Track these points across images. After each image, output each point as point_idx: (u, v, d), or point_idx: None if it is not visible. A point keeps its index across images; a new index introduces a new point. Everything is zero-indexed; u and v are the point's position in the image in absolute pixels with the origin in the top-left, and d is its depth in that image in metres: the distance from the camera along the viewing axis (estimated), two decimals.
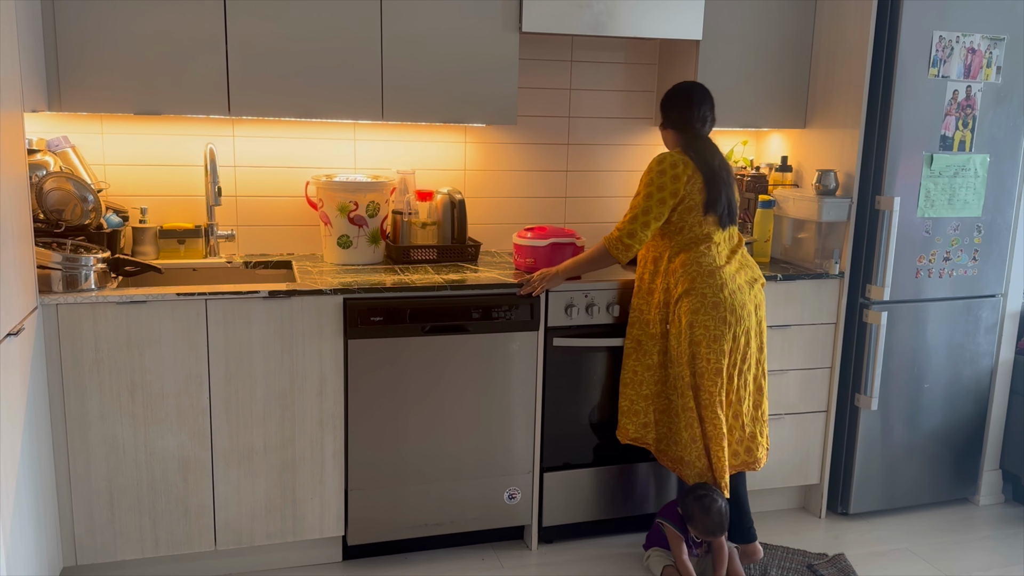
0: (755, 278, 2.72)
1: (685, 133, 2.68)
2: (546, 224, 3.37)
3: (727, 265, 2.64)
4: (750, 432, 2.72)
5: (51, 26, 2.49)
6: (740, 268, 2.69)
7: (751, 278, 2.70)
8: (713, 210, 2.61)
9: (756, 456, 2.73)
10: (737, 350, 2.63)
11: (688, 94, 2.70)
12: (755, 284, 2.71)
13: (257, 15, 2.65)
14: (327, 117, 2.80)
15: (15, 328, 2.09)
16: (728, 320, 2.59)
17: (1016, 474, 3.40)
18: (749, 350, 2.67)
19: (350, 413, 2.66)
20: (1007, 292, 3.30)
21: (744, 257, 2.74)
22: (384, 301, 2.63)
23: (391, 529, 2.79)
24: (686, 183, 2.57)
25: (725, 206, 2.63)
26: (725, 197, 2.63)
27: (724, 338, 2.59)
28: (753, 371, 2.70)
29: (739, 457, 2.72)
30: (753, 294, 2.68)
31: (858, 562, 2.94)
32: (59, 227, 2.57)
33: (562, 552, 2.95)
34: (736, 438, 2.70)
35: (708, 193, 2.59)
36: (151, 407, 2.49)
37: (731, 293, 2.60)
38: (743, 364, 2.66)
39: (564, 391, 2.86)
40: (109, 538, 2.53)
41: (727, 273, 2.62)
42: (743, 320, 2.62)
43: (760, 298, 2.71)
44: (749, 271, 2.72)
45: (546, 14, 2.87)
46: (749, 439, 2.72)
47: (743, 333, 2.63)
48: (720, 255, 2.64)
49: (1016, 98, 3.11)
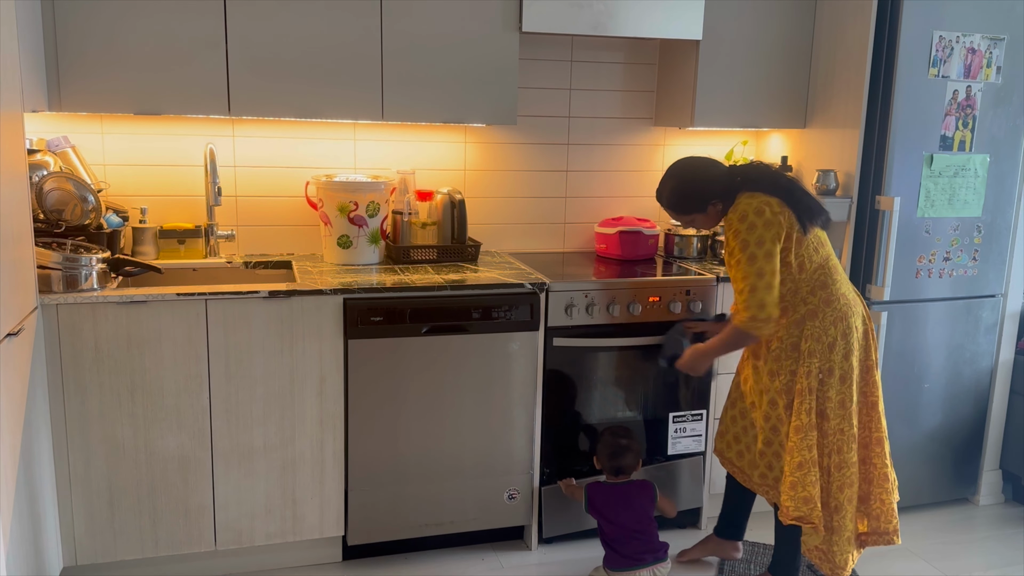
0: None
1: (726, 193, 2.40)
2: (626, 216, 3.48)
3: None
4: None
5: (51, 26, 2.49)
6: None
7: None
8: (810, 220, 2.34)
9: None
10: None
11: (695, 169, 2.45)
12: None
13: (257, 15, 2.65)
14: (327, 117, 2.80)
15: (15, 328, 2.09)
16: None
17: (1016, 474, 3.40)
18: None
19: (350, 413, 2.66)
20: (1007, 292, 3.30)
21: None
22: (384, 301, 2.63)
23: (391, 529, 2.79)
24: (779, 219, 2.30)
25: (817, 205, 2.38)
26: (807, 196, 2.38)
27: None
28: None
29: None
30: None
31: (858, 562, 2.94)
32: (59, 227, 2.57)
33: (562, 552, 2.95)
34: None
35: (794, 207, 2.32)
36: (151, 407, 2.49)
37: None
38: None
39: (564, 391, 2.86)
40: (109, 538, 2.53)
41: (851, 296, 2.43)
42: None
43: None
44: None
45: (546, 14, 2.87)
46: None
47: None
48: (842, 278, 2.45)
49: (1016, 98, 3.11)
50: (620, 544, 2.64)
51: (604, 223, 3.35)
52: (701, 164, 2.46)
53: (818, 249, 2.38)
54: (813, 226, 2.35)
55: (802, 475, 2.38)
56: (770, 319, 2.28)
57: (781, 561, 2.59)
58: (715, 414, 3.05)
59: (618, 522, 2.64)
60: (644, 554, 2.62)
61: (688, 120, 3.18)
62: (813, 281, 2.38)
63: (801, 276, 2.37)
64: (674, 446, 3.01)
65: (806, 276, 2.38)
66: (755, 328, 2.30)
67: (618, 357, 2.89)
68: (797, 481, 2.38)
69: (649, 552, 2.63)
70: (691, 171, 2.45)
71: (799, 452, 2.38)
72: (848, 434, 2.40)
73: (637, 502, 2.67)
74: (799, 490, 2.38)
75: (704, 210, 2.43)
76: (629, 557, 2.62)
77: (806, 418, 2.38)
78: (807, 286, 2.38)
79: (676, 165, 2.49)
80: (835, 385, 2.38)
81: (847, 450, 2.41)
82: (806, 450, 2.38)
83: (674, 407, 2.99)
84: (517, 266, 3.04)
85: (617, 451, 2.71)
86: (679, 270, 3.10)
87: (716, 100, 3.16)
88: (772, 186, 2.35)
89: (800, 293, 2.39)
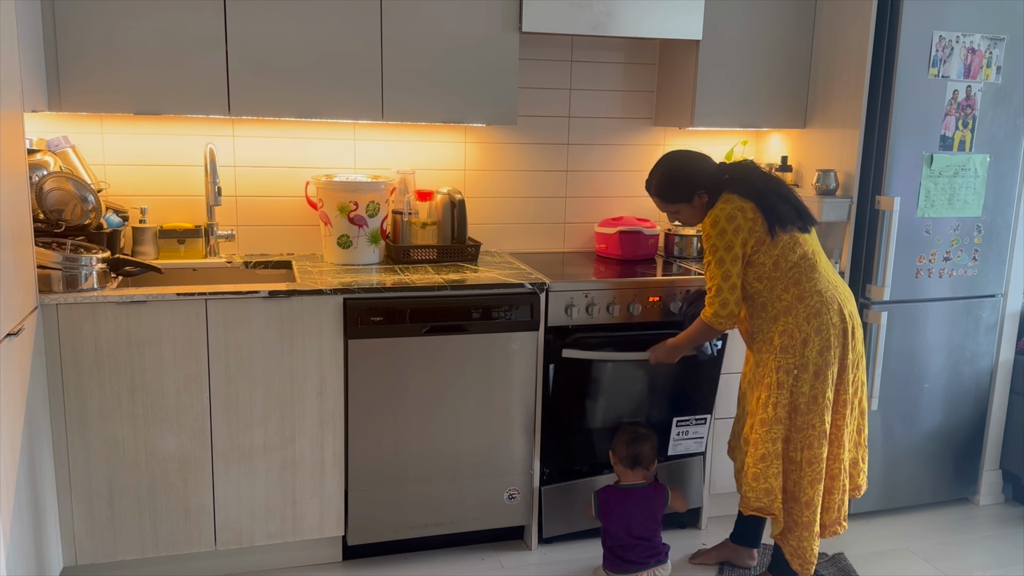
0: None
1: (713, 187, 2.47)
2: (630, 216, 3.49)
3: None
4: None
5: (51, 26, 2.49)
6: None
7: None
8: (780, 225, 2.40)
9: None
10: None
11: (685, 160, 2.52)
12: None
13: (257, 15, 2.65)
14: (327, 117, 2.80)
15: (15, 328, 2.09)
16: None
17: (1016, 474, 3.40)
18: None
19: (350, 413, 2.66)
20: (1007, 292, 3.30)
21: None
22: (384, 301, 2.63)
23: (391, 529, 2.79)
24: (749, 224, 2.38)
25: (792, 211, 2.43)
26: (783, 202, 2.43)
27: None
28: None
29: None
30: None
31: (858, 562, 2.94)
32: (59, 227, 2.57)
33: (562, 552, 2.95)
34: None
35: (765, 213, 2.39)
36: (151, 407, 2.49)
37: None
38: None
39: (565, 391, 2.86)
40: (109, 538, 2.53)
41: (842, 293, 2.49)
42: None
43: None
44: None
45: (546, 14, 2.87)
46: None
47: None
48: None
49: (1016, 98, 3.11)
50: (624, 550, 2.63)
51: (604, 223, 3.35)
52: (691, 156, 2.57)
53: (794, 248, 2.43)
54: (783, 232, 2.41)
55: (764, 467, 2.45)
56: (732, 316, 2.44)
57: (781, 560, 2.59)
58: (716, 415, 3.04)
59: (626, 529, 2.63)
60: (648, 558, 2.62)
61: (688, 120, 3.18)
62: (787, 279, 2.44)
63: (776, 274, 2.44)
64: (675, 447, 3.01)
65: (781, 274, 2.44)
66: (718, 323, 2.45)
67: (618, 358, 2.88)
68: (759, 473, 2.46)
69: (652, 556, 2.63)
70: (680, 160, 2.55)
71: (763, 444, 2.45)
72: (819, 429, 2.43)
73: (648, 509, 2.64)
74: (760, 481, 2.45)
75: (690, 200, 2.49)
76: (632, 562, 2.62)
77: (772, 412, 2.44)
78: (782, 283, 2.44)
79: (666, 155, 2.59)
80: (808, 380, 2.42)
81: (818, 446, 2.44)
82: (770, 443, 2.44)
83: (676, 407, 2.99)
84: (517, 266, 3.05)
85: (635, 439, 2.69)
86: (679, 270, 3.10)
87: (716, 100, 3.16)
88: (749, 190, 2.43)
89: (775, 290, 2.46)
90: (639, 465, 2.68)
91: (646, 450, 2.69)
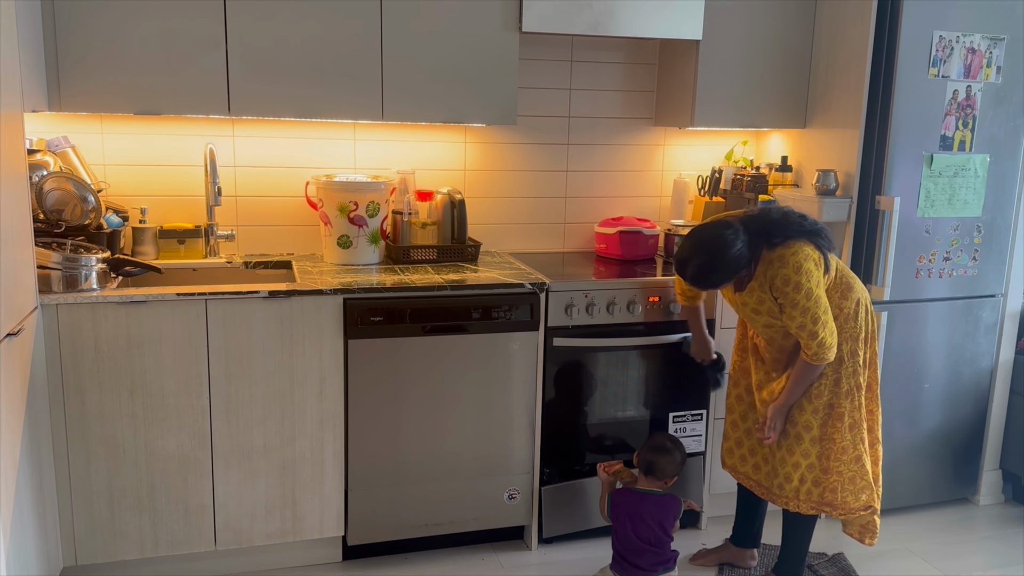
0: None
1: (752, 260, 2.42)
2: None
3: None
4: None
5: (51, 26, 2.49)
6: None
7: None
8: (830, 250, 2.45)
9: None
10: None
11: (722, 246, 2.36)
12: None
13: (257, 15, 2.65)
14: (327, 117, 2.80)
15: (15, 328, 2.09)
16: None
17: (1016, 474, 3.40)
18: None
19: (350, 413, 2.66)
20: (1007, 292, 3.30)
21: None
22: (384, 301, 2.63)
23: (391, 529, 2.79)
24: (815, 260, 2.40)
25: (826, 240, 2.44)
26: (820, 236, 2.43)
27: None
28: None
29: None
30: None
31: (858, 562, 2.94)
32: (59, 227, 2.57)
33: (562, 552, 2.95)
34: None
35: (817, 248, 2.41)
36: (151, 407, 2.49)
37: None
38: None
39: (565, 391, 2.86)
40: (109, 538, 2.53)
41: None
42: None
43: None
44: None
45: (546, 14, 2.87)
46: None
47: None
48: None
49: (1016, 98, 3.11)
50: (633, 555, 2.62)
51: (604, 223, 3.35)
52: (721, 240, 2.36)
53: (834, 268, 2.50)
54: (831, 254, 2.47)
55: (859, 467, 2.54)
56: (834, 346, 2.44)
57: (789, 559, 2.60)
58: (715, 414, 3.05)
59: (636, 534, 2.62)
60: (656, 565, 2.61)
61: (688, 120, 3.18)
62: (837, 294, 2.50)
63: (834, 296, 2.51)
64: None
65: (831, 287, 2.49)
66: (829, 355, 2.42)
67: (618, 357, 2.88)
68: (855, 474, 2.54)
69: (660, 564, 2.62)
70: (714, 249, 2.36)
71: (854, 447, 2.53)
72: (875, 414, 2.60)
73: (657, 517, 2.63)
74: (857, 481, 2.54)
75: (730, 281, 2.44)
76: (640, 568, 2.61)
77: (858, 415, 2.53)
78: (837, 294, 2.50)
79: (697, 242, 2.40)
80: (863, 372, 2.55)
81: (876, 428, 2.61)
82: (860, 443, 2.54)
83: (674, 407, 2.99)
84: (517, 266, 3.05)
85: (657, 448, 2.65)
86: None
87: (716, 100, 3.16)
88: (799, 231, 2.40)
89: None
90: (652, 474, 2.66)
91: (663, 463, 2.64)
